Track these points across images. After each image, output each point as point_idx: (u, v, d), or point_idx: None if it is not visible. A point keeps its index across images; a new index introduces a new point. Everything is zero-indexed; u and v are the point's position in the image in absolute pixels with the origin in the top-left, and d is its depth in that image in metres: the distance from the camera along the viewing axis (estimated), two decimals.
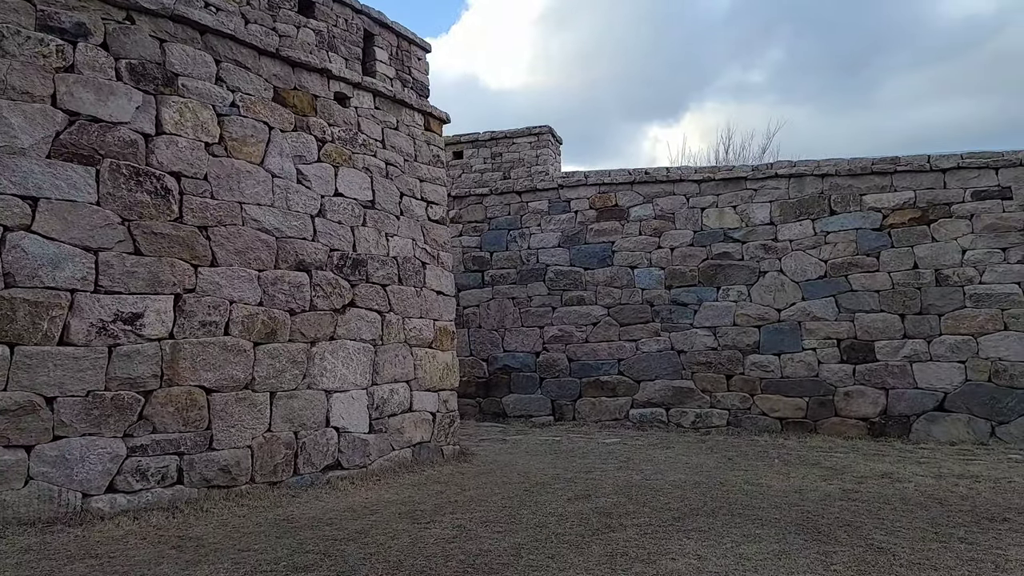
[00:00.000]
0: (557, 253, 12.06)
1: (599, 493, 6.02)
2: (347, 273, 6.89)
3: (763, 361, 10.69)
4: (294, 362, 6.24)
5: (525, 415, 11.82)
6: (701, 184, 11.44)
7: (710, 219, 11.30)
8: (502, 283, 12.31)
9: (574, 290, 11.86)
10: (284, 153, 6.47)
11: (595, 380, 11.53)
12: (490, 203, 12.64)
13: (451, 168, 13.04)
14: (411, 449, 7.50)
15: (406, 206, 7.88)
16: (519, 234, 12.36)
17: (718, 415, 10.86)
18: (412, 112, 8.17)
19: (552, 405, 11.78)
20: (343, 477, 6.52)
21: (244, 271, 5.95)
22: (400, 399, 7.39)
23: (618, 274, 11.64)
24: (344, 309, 6.83)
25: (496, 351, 12.18)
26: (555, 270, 12.01)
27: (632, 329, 11.47)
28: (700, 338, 11.07)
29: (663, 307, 11.35)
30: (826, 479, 6.88)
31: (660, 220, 11.55)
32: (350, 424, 6.74)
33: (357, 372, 6.87)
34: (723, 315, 11.00)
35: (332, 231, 6.81)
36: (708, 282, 11.15)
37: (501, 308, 12.23)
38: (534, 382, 11.90)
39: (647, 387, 11.27)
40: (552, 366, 11.80)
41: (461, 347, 12.21)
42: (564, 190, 12.18)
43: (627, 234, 11.70)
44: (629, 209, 11.76)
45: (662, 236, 11.51)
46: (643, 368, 11.31)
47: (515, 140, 12.70)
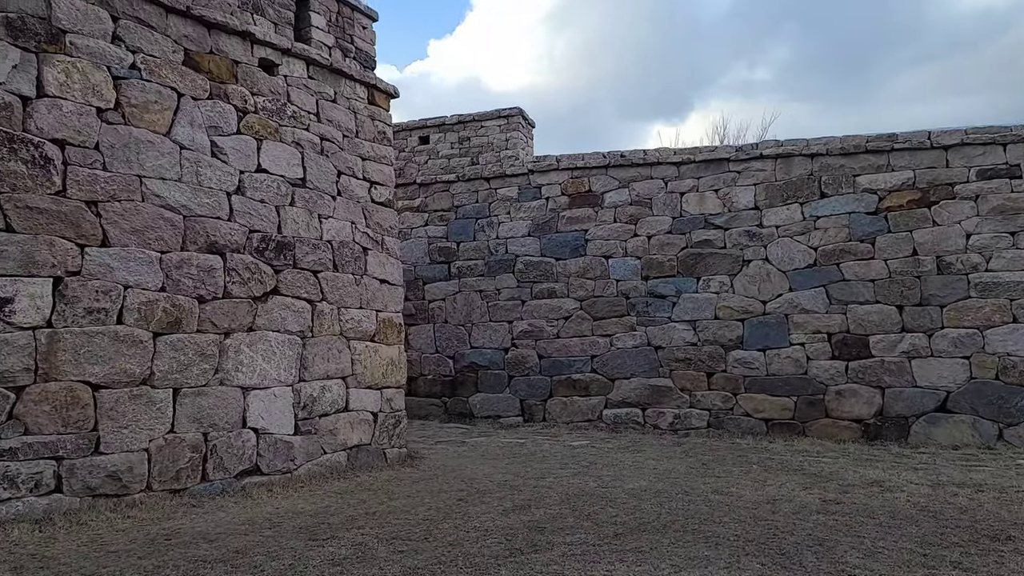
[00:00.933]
0: (527, 243, 11.53)
1: (542, 503, 5.49)
2: (270, 257, 6.36)
3: (747, 357, 10.16)
4: (203, 355, 5.70)
5: (493, 416, 11.29)
6: (680, 167, 10.91)
7: (690, 204, 10.77)
8: (469, 275, 11.77)
9: (545, 282, 11.33)
10: (196, 123, 5.94)
11: (567, 378, 11.00)
12: (457, 190, 12.11)
13: (417, 154, 12.52)
14: (346, 452, 6.96)
15: (344, 186, 7.35)
16: (487, 223, 11.82)
17: (698, 416, 10.33)
18: (353, 84, 7.63)
19: (521, 405, 11.25)
20: (261, 484, 5.98)
21: (142, 252, 5.41)
22: (333, 397, 6.85)
23: (591, 264, 11.11)
24: (266, 297, 6.30)
25: (463, 347, 11.65)
26: (525, 261, 11.48)
27: (606, 323, 10.94)
28: (679, 333, 10.54)
29: (639, 299, 10.82)
30: (807, 487, 6.35)
31: (637, 206, 11.02)
32: (271, 425, 6.20)
33: (281, 367, 6.34)
34: (704, 308, 10.47)
35: (252, 210, 6.28)
36: (688, 272, 10.63)
37: (468, 302, 11.70)
38: (502, 381, 11.37)
39: (622, 386, 10.74)
40: (521, 363, 11.27)
41: (426, 343, 11.69)
42: (535, 175, 11.65)
43: (601, 222, 11.17)
44: (604, 195, 11.23)
45: (639, 223, 10.97)
46: (618, 365, 10.78)
47: (484, 124, 12.16)
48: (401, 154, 12.58)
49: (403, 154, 12.58)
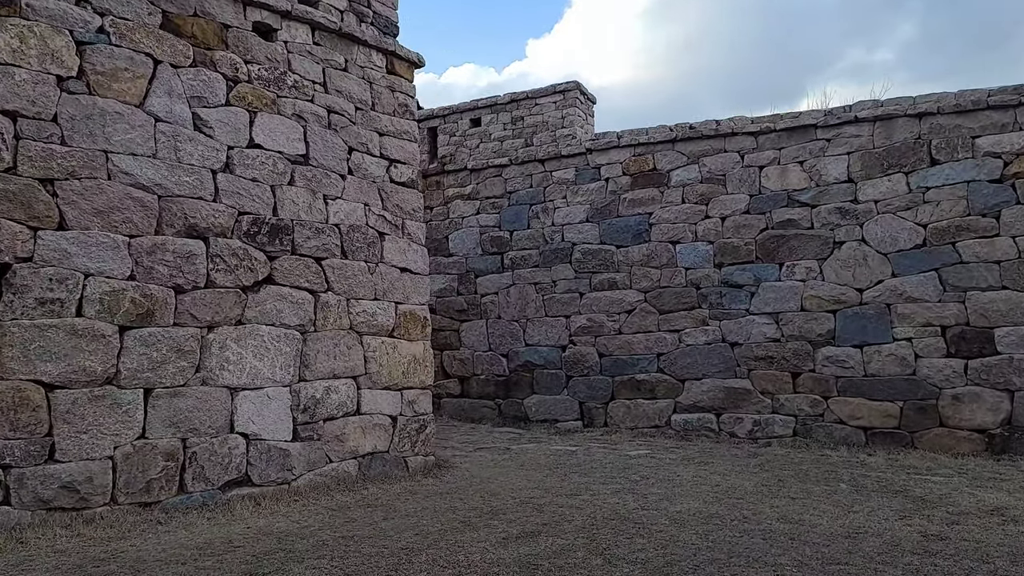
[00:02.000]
0: (585, 229, 10.53)
1: (557, 530, 4.56)
2: (262, 242, 5.74)
3: (840, 355, 8.76)
4: (180, 351, 5.13)
5: (549, 420, 10.37)
6: (759, 137, 9.60)
7: (770, 179, 9.46)
8: (523, 266, 10.90)
9: (605, 272, 10.30)
10: (175, 93, 5.39)
11: (630, 379, 9.93)
12: (510, 175, 11.26)
13: (468, 138, 11.77)
14: (357, 461, 6.26)
15: (357, 164, 6.66)
16: (542, 209, 10.91)
17: (782, 423, 9.01)
18: (368, 51, 6.94)
19: (580, 408, 10.26)
20: (251, 496, 5.36)
21: (106, 236, 4.88)
22: (341, 399, 6.17)
23: (656, 251, 9.98)
24: (257, 287, 5.68)
25: (517, 345, 10.79)
26: (583, 249, 10.49)
27: (674, 317, 9.78)
28: (758, 327, 9.25)
29: (712, 290, 9.60)
30: (904, 516, 5.10)
31: (708, 184, 9.80)
32: (264, 430, 5.57)
33: (276, 365, 5.70)
34: (787, 298, 9.14)
35: (243, 190, 5.67)
36: (768, 257, 9.32)
37: (522, 295, 10.83)
38: (559, 381, 10.43)
39: (693, 388, 9.56)
40: (580, 362, 10.29)
41: (479, 341, 10.92)
42: (593, 155, 10.63)
43: (667, 203, 10.02)
44: (670, 173, 10.08)
45: (710, 203, 9.75)
46: (688, 364, 9.61)
47: (538, 101, 11.26)
48: (452, 139, 11.89)
49: (453, 139, 11.88)
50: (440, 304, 11.44)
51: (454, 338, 11.28)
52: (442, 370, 11.32)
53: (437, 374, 11.19)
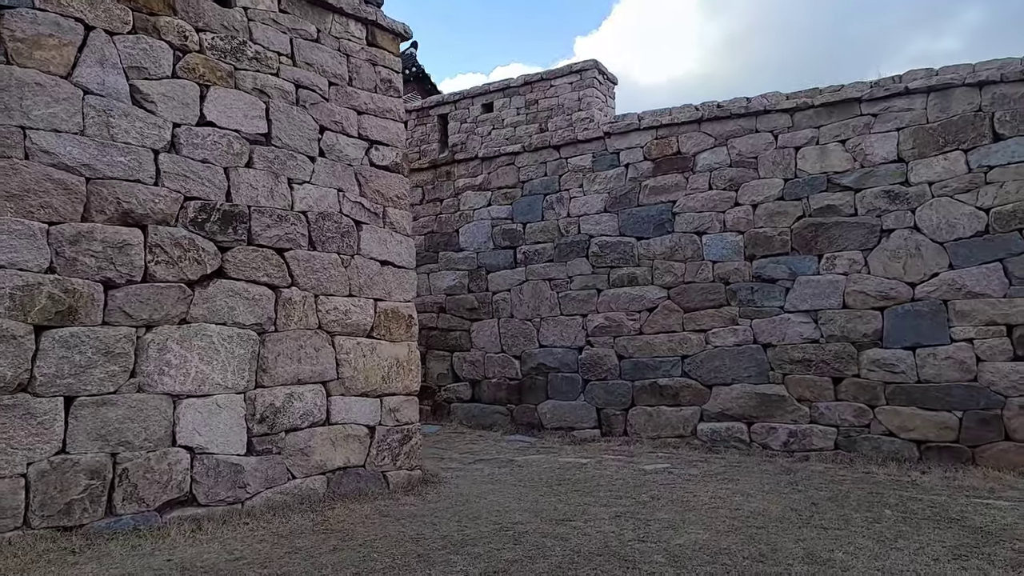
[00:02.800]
0: (603, 220, 9.73)
1: (528, 569, 3.81)
2: (212, 231, 5.13)
3: (889, 358, 7.77)
4: (110, 354, 4.54)
5: (565, 427, 9.59)
6: (794, 114, 8.66)
7: (808, 161, 8.51)
8: (537, 261, 10.15)
9: (624, 267, 9.47)
10: (109, 62, 4.81)
11: (652, 384, 9.08)
12: (523, 163, 10.52)
13: (479, 124, 11.08)
14: (325, 477, 5.61)
15: (329, 145, 6.02)
16: (557, 199, 10.14)
17: (821, 434, 8.06)
18: (345, 20, 6.30)
19: (598, 415, 9.46)
20: (194, 519, 4.74)
21: (19, 223, 4.32)
22: (306, 408, 5.52)
23: (681, 243, 9.11)
24: (205, 281, 5.07)
25: (530, 346, 10.05)
26: (600, 242, 9.68)
27: (700, 316, 8.90)
28: (794, 326, 8.32)
29: (742, 285, 8.69)
30: (959, 555, 4.22)
31: (738, 168, 8.90)
32: (212, 442, 4.96)
33: (228, 369, 5.08)
34: (827, 293, 8.19)
35: (190, 172, 5.07)
36: (805, 249, 8.37)
37: (536, 292, 10.08)
38: (575, 385, 9.64)
39: (721, 394, 8.67)
40: (597, 365, 9.48)
41: (490, 341, 10.21)
42: (612, 139, 9.82)
43: (693, 190, 9.14)
44: (696, 156, 9.20)
45: (740, 189, 8.85)
46: (715, 368, 8.72)
47: (553, 82, 10.50)
48: (463, 126, 11.21)
49: (465, 126, 11.20)
50: (450, 302, 10.77)
51: (464, 339, 10.60)
52: (452, 373, 10.65)
53: (446, 377, 10.54)
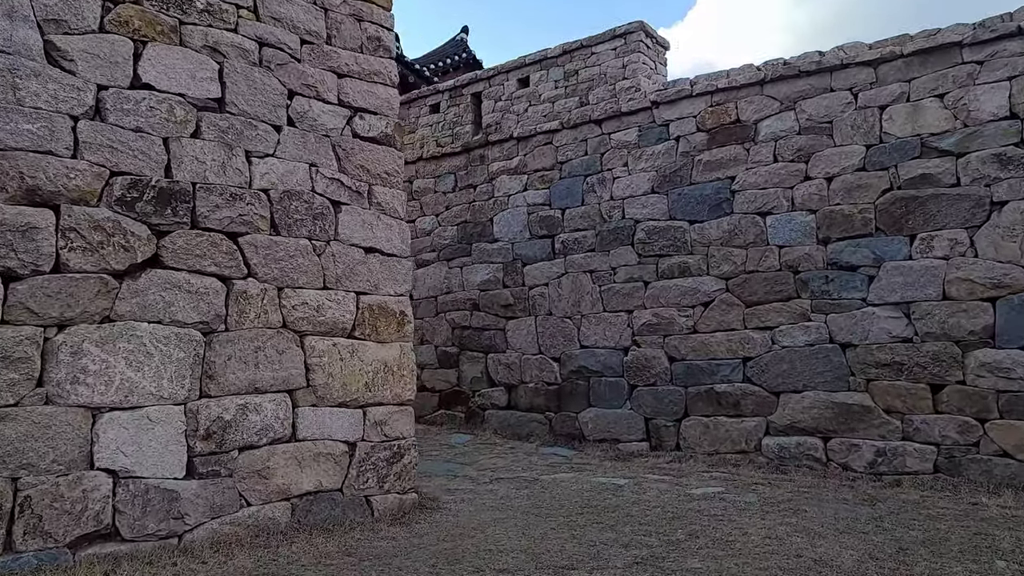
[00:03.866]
0: (650, 203, 8.56)
1: None
2: (145, 212, 4.35)
3: (1003, 360, 6.32)
4: (7, 360, 3.82)
5: (609, 439, 8.49)
6: (879, 67, 7.26)
7: (895, 123, 7.10)
8: (577, 251, 9.07)
9: (674, 255, 8.28)
10: (18, 14, 4.10)
11: (708, 391, 7.86)
12: (561, 141, 9.46)
13: (515, 102, 10.09)
14: (289, 504, 4.75)
15: (301, 112, 5.17)
16: (598, 180, 9.03)
17: (916, 454, 6.66)
18: None
19: (646, 426, 8.30)
20: (113, 557, 3.97)
21: None
22: (265, 421, 4.68)
23: (741, 226, 7.85)
24: (136, 271, 4.30)
25: (570, 347, 8.98)
26: (647, 227, 8.51)
27: (764, 311, 7.62)
28: (880, 322, 6.94)
29: (815, 274, 7.36)
30: None
31: (809, 135, 7.57)
32: (142, 464, 4.18)
33: (163, 376, 4.29)
34: (923, 282, 6.78)
35: (118, 143, 4.31)
36: (893, 228, 6.98)
37: (576, 286, 9.01)
38: (620, 392, 8.52)
39: (791, 403, 7.37)
40: (645, 368, 8.33)
41: (527, 342, 9.23)
42: (660, 109, 8.63)
43: (755, 163, 7.86)
44: (757, 124, 7.91)
45: (812, 161, 7.51)
46: (783, 373, 7.43)
47: (594, 49, 9.40)
48: (497, 104, 10.26)
49: (499, 104, 10.24)
50: (483, 299, 9.83)
51: (499, 339, 9.64)
52: (486, 376, 9.71)
53: (480, 381, 9.62)
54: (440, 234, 10.49)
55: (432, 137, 10.92)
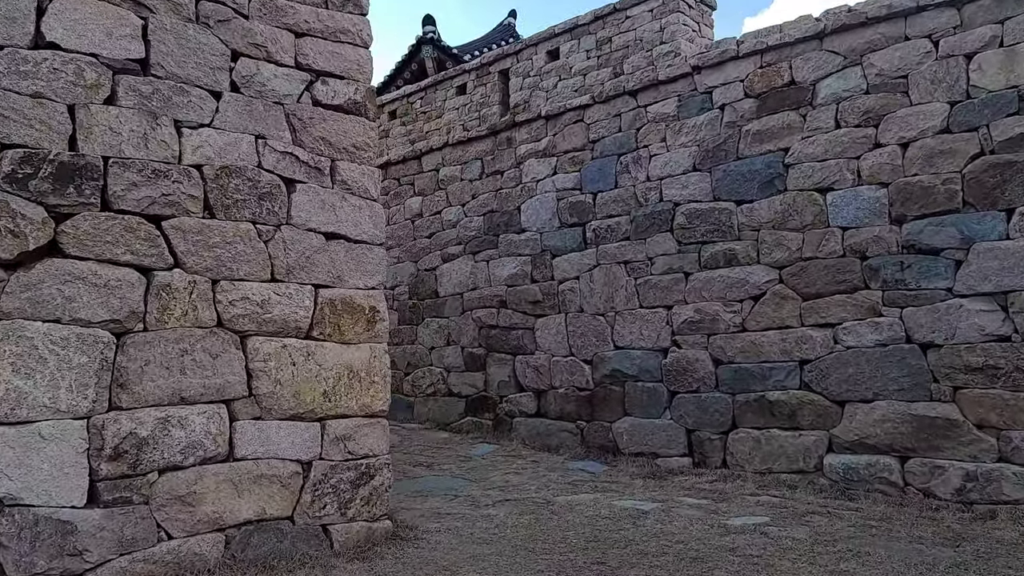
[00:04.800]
0: (691, 182, 7.50)
1: None
2: (42, 191, 3.71)
3: None
4: None
5: (646, 453, 7.48)
6: (963, 8, 6.01)
7: (985, 73, 5.84)
8: (609, 240, 8.10)
9: (719, 241, 7.20)
10: None
11: (759, 398, 6.76)
12: (593, 118, 8.50)
13: (544, 77, 9.20)
14: (222, 536, 4.03)
15: (247, 75, 4.46)
16: (633, 160, 8.03)
17: (1016, 479, 5.39)
18: None
19: (688, 439, 7.26)
20: None
21: None
22: (193, 437, 3.98)
23: (796, 206, 6.71)
24: (28, 260, 3.66)
25: (603, 347, 8.02)
26: (688, 210, 7.46)
27: (825, 305, 6.47)
28: (970, 317, 5.70)
29: (887, 260, 6.17)
30: None
31: (879, 94, 6.37)
32: (30, 489, 3.53)
33: (60, 385, 3.64)
34: (1022, 268, 5.51)
35: (10, 110, 3.68)
36: (986, 202, 5.73)
37: (609, 279, 8.04)
38: (659, 399, 7.50)
39: (858, 414, 6.19)
40: (686, 372, 7.28)
41: (556, 342, 8.35)
42: (703, 75, 7.56)
43: (813, 131, 6.71)
44: (816, 85, 6.75)
45: (882, 124, 6.31)
46: (848, 378, 6.26)
47: (629, 12, 8.39)
48: (525, 81, 9.39)
49: (528, 80, 9.37)
50: (511, 295, 8.98)
51: (527, 339, 8.76)
52: (514, 380, 8.86)
53: (507, 385, 8.79)
54: (466, 225, 9.70)
55: (459, 121, 10.15)
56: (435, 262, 10.02)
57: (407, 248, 10.47)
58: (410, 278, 10.34)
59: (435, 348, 9.87)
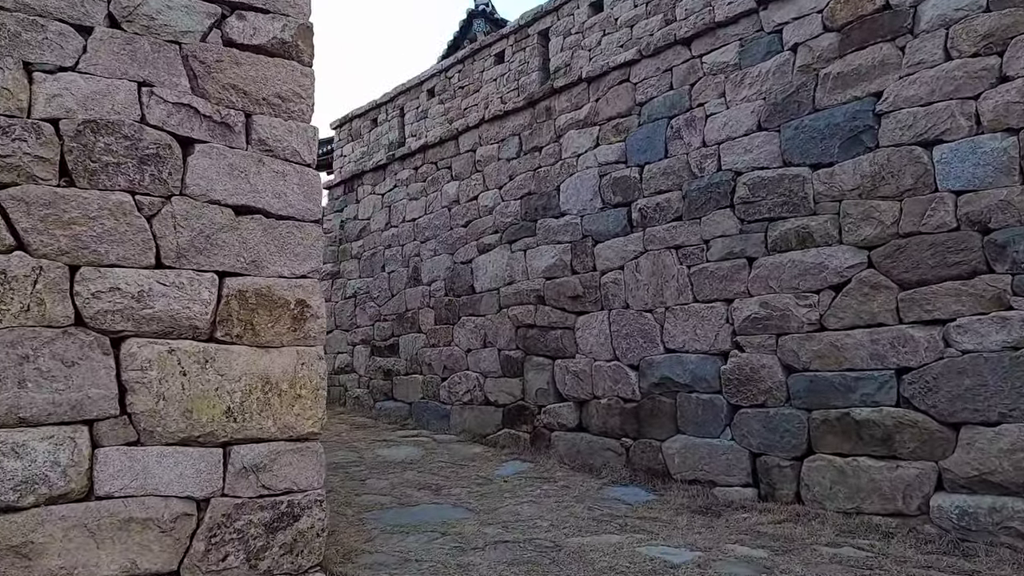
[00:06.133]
0: (755, 144, 6.08)
1: None
2: None
3: None
4: None
5: (702, 480, 6.13)
6: None
7: None
8: (658, 221, 6.78)
9: (790, 216, 5.75)
10: None
11: (842, 416, 5.28)
12: (640, 75, 7.19)
13: (586, 33, 7.97)
14: None
15: (129, 8, 3.55)
16: (686, 122, 6.67)
17: None
18: None
19: (753, 465, 5.85)
20: None
21: None
22: (32, 470, 3.07)
23: (891, 165, 5.19)
24: None
25: (651, 350, 6.71)
26: (752, 180, 6.05)
27: (931, 295, 4.93)
28: None
29: (1017, 233, 4.57)
30: None
31: (1002, 11, 4.78)
32: None
33: None
34: None
35: None
36: None
37: (658, 268, 6.72)
38: (716, 414, 6.12)
39: (979, 441, 4.63)
40: (750, 382, 5.88)
41: (599, 344, 7.15)
42: (770, 9, 6.13)
43: (913, 66, 5.16)
44: (916, 7, 5.21)
45: (1008, 51, 4.72)
46: (965, 392, 4.70)
47: None
48: (566, 41, 8.20)
49: (569, 39, 8.17)
50: (549, 289, 7.81)
51: (568, 340, 7.57)
52: (553, 388, 7.68)
53: (546, 394, 7.65)
54: (502, 211, 8.60)
55: (496, 94, 9.07)
56: (471, 254, 8.99)
57: (443, 240, 9.49)
58: (446, 272, 9.36)
59: (472, 350, 8.83)
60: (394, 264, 10.40)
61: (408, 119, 10.70)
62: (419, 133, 10.37)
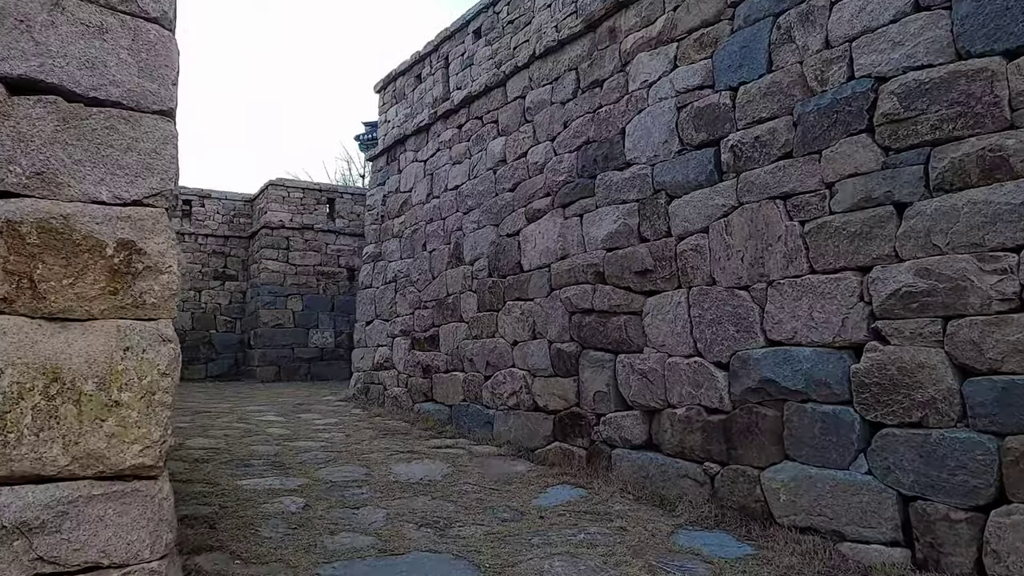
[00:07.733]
0: (908, 35, 4.15)
1: None
2: None
3: None
4: None
5: (824, 530, 4.28)
6: None
7: None
8: (757, 162, 4.94)
9: (968, 135, 3.80)
10: None
11: None
12: None
13: None
14: None
15: None
16: (799, 18, 4.80)
17: None
18: None
19: (904, 513, 3.95)
20: None
21: None
22: None
23: None
24: None
25: (746, 342, 4.88)
26: (904, 87, 4.12)
27: None
28: None
29: None
30: None
31: None
32: None
33: None
34: None
35: None
36: None
37: (756, 229, 4.88)
38: (844, 434, 4.24)
39: None
40: (899, 388, 3.97)
41: (673, 334, 5.44)
42: None
43: None
44: None
45: None
46: None
47: None
48: None
49: None
50: (610, 263, 6.10)
51: (633, 328, 5.83)
52: (614, 392, 5.97)
53: (605, 399, 5.98)
54: (555, 167, 6.94)
55: (551, 23, 7.39)
56: (518, 223, 7.37)
57: (487, 208, 7.91)
58: (490, 248, 7.78)
59: (518, 343, 7.22)
60: (435, 241, 8.93)
61: (453, 68, 9.19)
62: (464, 84, 8.84)
